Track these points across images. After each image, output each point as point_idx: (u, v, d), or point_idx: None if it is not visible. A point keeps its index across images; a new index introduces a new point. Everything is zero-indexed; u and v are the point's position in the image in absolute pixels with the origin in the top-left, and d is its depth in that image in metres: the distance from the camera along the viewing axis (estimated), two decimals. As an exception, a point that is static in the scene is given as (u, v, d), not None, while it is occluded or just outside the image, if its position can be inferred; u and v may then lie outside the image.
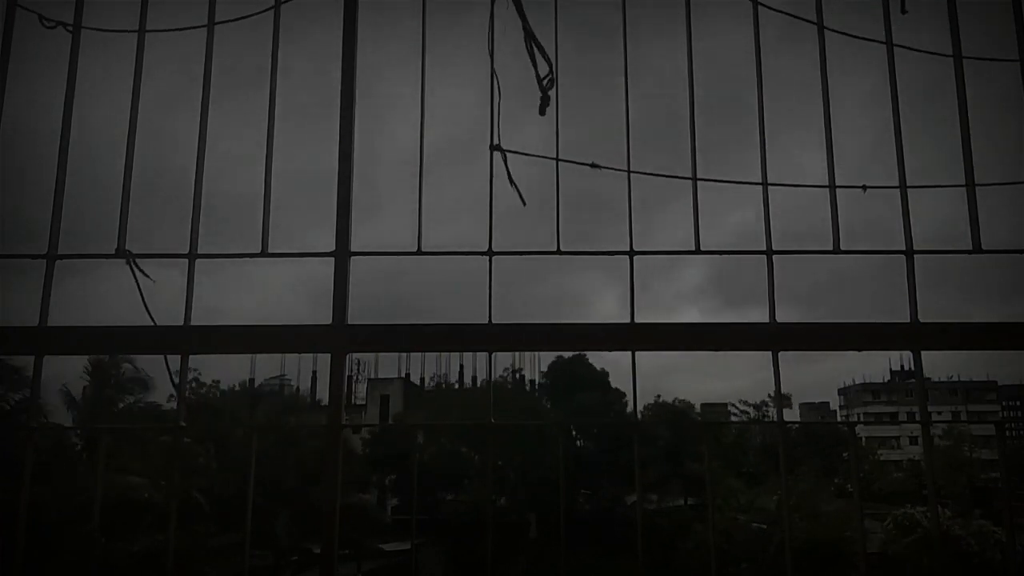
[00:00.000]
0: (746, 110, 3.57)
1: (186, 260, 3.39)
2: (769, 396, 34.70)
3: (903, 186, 3.49)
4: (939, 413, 61.00)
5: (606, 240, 3.45)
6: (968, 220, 3.47)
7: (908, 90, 3.56)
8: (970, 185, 3.47)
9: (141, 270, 3.35)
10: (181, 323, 3.32)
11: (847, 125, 3.62)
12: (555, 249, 3.45)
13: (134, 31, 3.57)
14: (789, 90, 3.81)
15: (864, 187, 3.53)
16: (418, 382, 40.46)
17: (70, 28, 3.54)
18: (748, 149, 3.51)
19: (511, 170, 3.43)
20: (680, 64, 3.60)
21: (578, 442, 32.44)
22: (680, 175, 3.54)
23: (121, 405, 24.23)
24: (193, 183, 3.48)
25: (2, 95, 3.52)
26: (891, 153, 3.53)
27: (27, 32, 3.54)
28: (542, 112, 3.48)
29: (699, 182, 3.52)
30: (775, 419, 3.75)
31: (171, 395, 23.63)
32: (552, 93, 3.53)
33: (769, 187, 3.50)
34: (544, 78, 3.50)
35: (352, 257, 3.38)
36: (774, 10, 3.62)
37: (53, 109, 3.45)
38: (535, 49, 3.53)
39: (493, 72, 3.55)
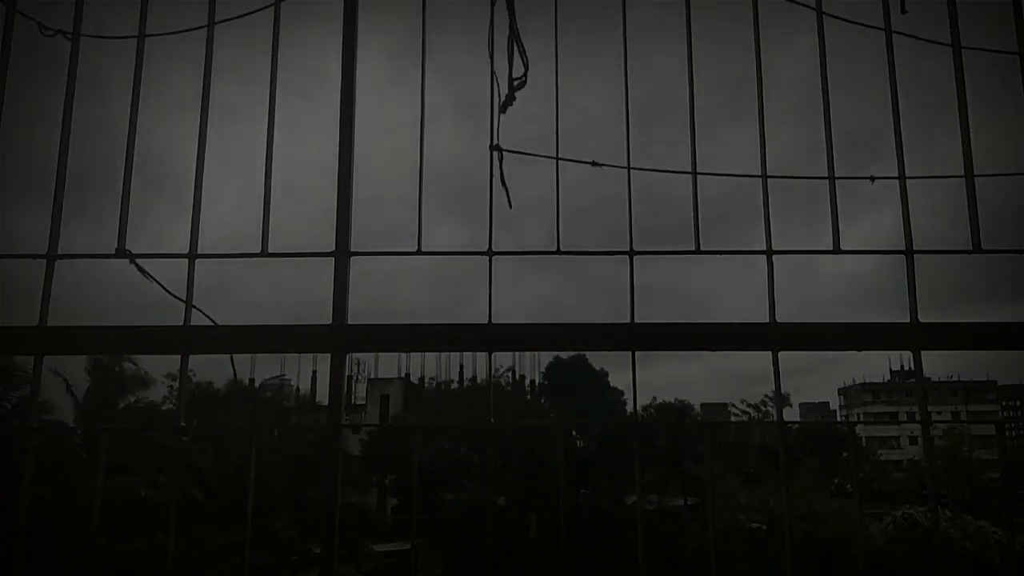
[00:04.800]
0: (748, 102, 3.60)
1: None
2: (768, 396, 34.66)
3: (902, 177, 3.48)
4: (939, 413, 60.86)
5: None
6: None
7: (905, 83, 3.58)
8: (969, 176, 3.47)
9: (142, 269, 3.35)
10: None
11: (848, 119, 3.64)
12: (555, 249, 3.45)
13: (133, 36, 3.56)
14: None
15: (872, 178, 3.53)
16: (418, 382, 40.39)
17: (69, 36, 3.53)
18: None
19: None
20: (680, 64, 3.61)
21: (578, 442, 32.39)
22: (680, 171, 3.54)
23: (122, 404, 24.21)
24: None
25: (1, 101, 3.52)
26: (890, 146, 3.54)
27: (26, 39, 3.54)
28: (503, 110, 3.50)
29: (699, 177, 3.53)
30: (775, 419, 3.75)
31: (165, 396, 23.72)
32: (553, 93, 3.55)
33: (769, 180, 3.50)
34: (517, 79, 3.51)
35: (352, 257, 3.38)
36: None
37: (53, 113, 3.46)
38: (516, 50, 3.54)
39: (492, 72, 3.55)
